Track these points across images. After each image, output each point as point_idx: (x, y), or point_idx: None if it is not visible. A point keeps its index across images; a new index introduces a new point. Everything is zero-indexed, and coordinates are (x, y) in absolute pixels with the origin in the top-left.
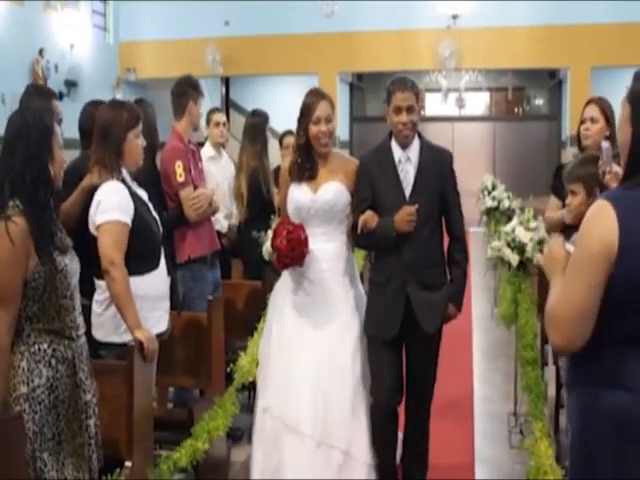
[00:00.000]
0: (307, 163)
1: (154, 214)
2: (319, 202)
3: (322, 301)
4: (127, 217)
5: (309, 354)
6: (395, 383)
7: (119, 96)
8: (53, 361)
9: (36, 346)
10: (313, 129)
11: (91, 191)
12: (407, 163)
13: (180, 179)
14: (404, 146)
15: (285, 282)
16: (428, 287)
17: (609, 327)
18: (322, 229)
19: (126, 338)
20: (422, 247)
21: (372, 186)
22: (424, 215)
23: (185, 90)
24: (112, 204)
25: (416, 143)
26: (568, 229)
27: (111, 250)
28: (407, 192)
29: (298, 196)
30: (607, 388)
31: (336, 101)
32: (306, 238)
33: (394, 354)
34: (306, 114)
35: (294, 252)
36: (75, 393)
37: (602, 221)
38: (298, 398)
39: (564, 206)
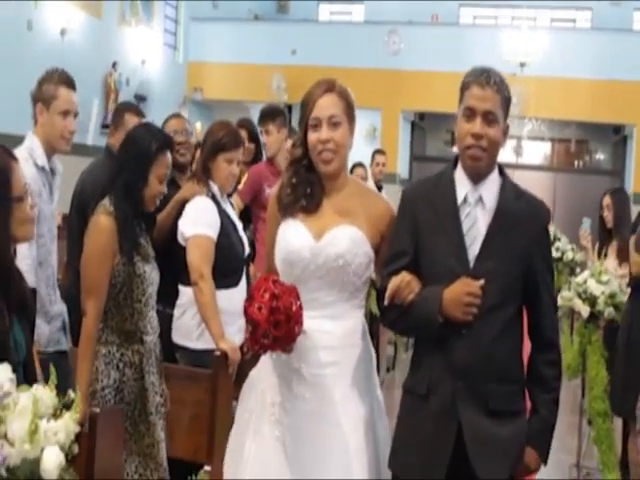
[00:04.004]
0: (305, 186)
1: (241, 234)
2: (324, 254)
3: (320, 414)
4: (213, 232)
5: None
6: None
7: (185, 114)
8: (121, 365)
9: (107, 348)
10: (311, 136)
11: (183, 203)
12: (477, 207)
13: (239, 187)
14: (475, 179)
15: (263, 374)
16: (494, 413)
17: None
18: (326, 297)
19: (198, 345)
20: (487, 346)
21: (417, 235)
22: (495, 296)
23: None
24: (200, 219)
25: (494, 179)
26: None
27: (200, 263)
28: (471, 253)
29: (291, 240)
30: None
31: (398, 139)
32: (299, 310)
33: None
34: (303, 114)
35: (278, 330)
36: (143, 396)
37: None
38: None
39: None
